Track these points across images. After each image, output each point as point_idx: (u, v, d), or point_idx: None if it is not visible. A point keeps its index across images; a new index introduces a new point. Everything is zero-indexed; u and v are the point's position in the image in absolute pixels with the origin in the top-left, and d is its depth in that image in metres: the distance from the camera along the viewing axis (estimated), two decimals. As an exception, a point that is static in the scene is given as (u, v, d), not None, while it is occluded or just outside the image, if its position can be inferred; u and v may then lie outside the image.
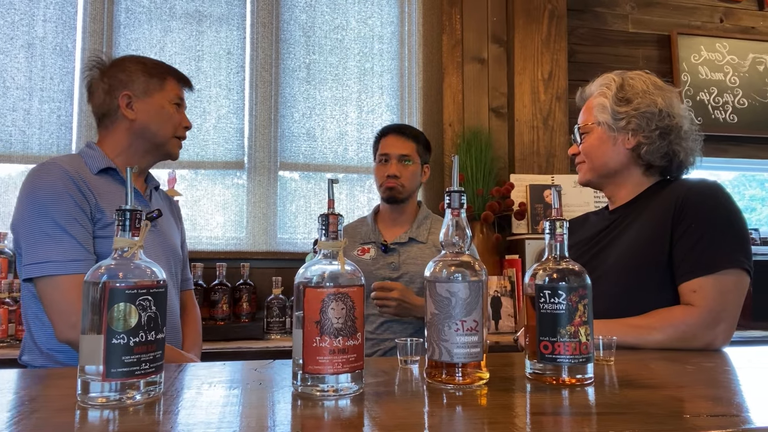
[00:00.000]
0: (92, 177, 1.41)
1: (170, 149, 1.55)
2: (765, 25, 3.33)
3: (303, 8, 2.87)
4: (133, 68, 1.50)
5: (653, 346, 1.17)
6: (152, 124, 1.49)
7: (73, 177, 1.34)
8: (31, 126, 2.54)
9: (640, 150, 1.38)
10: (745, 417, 0.67)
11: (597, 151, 1.43)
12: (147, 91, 1.49)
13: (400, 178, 2.03)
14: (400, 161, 2.05)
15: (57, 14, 2.61)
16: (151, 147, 1.51)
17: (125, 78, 1.48)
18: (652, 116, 1.36)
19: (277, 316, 2.37)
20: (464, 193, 0.85)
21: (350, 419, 0.66)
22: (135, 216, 0.76)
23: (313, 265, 0.78)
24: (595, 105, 1.43)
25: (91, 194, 1.36)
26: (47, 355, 1.36)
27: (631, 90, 1.40)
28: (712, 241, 1.22)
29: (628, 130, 1.38)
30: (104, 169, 1.44)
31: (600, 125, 1.42)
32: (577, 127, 1.48)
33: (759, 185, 3.55)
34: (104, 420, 0.65)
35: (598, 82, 1.47)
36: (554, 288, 0.83)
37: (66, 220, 1.30)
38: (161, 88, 1.51)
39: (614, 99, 1.40)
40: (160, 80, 1.51)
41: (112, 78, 1.49)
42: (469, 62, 2.98)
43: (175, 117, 1.53)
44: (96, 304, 0.71)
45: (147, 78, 1.50)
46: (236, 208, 2.73)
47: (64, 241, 1.29)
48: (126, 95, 1.47)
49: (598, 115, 1.42)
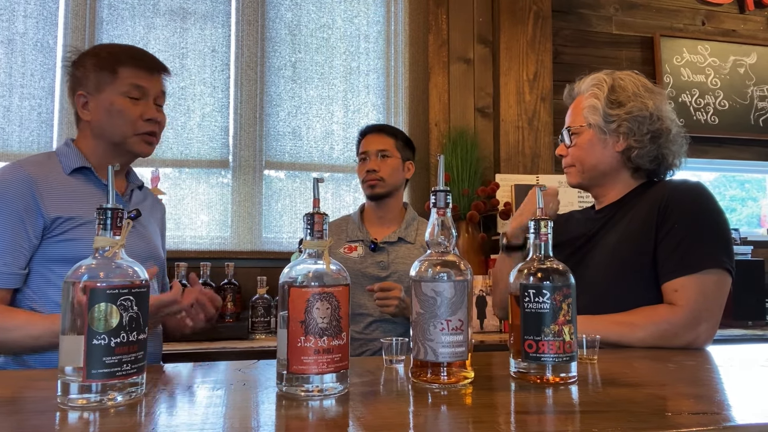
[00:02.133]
0: (63, 178, 1.35)
1: (132, 148, 1.39)
2: (746, 28, 3.38)
3: (289, 6, 2.86)
4: (87, 63, 1.38)
5: (635, 343, 1.18)
6: (105, 123, 1.36)
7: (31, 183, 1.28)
8: (11, 123, 2.49)
9: (630, 153, 1.38)
10: (726, 415, 0.67)
11: (587, 154, 1.42)
12: (98, 87, 1.36)
13: (378, 171, 2.05)
14: (378, 156, 2.08)
15: (38, 10, 2.57)
16: (113, 147, 1.40)
17: (80, 75, 1.38)
18: (644, 120, 1.36)
19: (262, 315, 2.36)
20: (450, 192, 0.85)
21: (335, 419, 0.66)
22: (116, 215, 0.75)
23: (298, 264, 0.78)
24: (585, 106, 1.42)
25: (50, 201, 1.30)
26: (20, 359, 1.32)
27: (622, 92, 1.38)
28: (694, 241, 1.23)
29: (619, 133, 1.37)
30: (78, 169, 1.37)
31: (591, 127, 1.40)
32: (567, 128, 1.46)
33: (739, 186, 3.61)
34: (84, 422, 0.64)
35: (588, 81, 1.45)
36: (539, 287, 0.83)
37: (3, 228, 1.25)
38: (112, 81, 1.35)
39: (606, 101, 1.38)
40: (110, 72, 1.36)
41: (72, 76, 1.41)
42: (455, 62, 2.99)
43: (130, 111, 1.36)
44: (76, 305, 0.69)
45: (97, 72, 1.36)
46: (221, 207, 2.71)
47: None
48: (80, 95, 1.38)
49: (589, 117, 1.40)
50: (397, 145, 2.11)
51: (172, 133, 2.65)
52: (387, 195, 2.09)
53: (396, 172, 2.09)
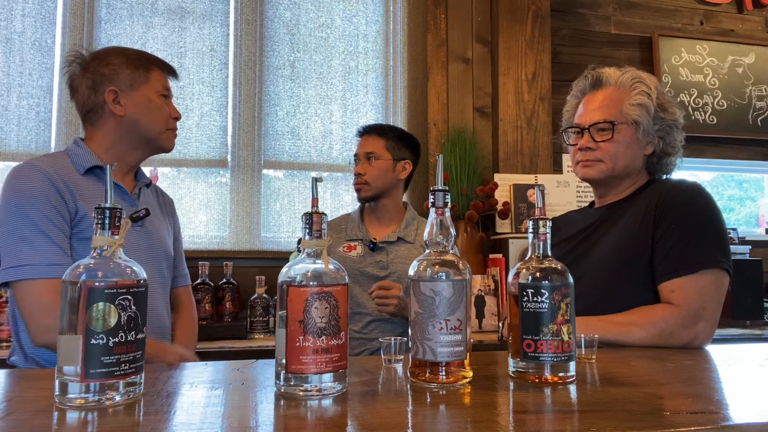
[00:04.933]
0: (77, 178, 1.37)
1: (163, 143, 1.50)
2: (744, 28, 3.38)
3: (287, 5, 2.85)
4: (116, 61, 1.44)
5: (634, 343, 1.18)
6: (142, 118, 1.44)
7: (51, 178, 1.31)
8: (9, 123, 2.49)
9: (660, 158, 1.37)
10: (724, 414, 0.67)
11: (625, 152, 1.34)
12: (133, 84, 1.44)
13: (364, 175, 2.05)
14: (365, 159, 2.07)
15: (36, 9, 2.56)
16: (141, 142, 1.46)
17: (109, 72, 1.43)
18: (680, 127, 1.36)
19: (261, 315, 2.36)
20: (448, 192, 0.85)
21: (333, 419, 0.66)
22: (114, 214, 0.75)
23: (297, 264, 0.78)
24: (633, 102, 1.34)
25: (71, 196, 1.32)
26: (31, 359, 1.33)
27: (665, 97, 1.36)
28: (691, 241, 1.23)
29: (655, 137, 1.36)
30: (91, 168, 1.40)
31: (636, 126, 1.34)
32: (610, 122, 1.33)
33: (737, 185, 3.61)
34: (83, 422, 0.64)
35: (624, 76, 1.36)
36: (537, 287, 0.83)
37: (44, 223, 1.27)
38: (147, 80, 1.45)
39: (657, 103, 1.34)
40: (145, 71, 1.46)
41: (95, 73, 1.43)
42: (454, 62, 2.99)
43: (164, 109, 1.48)
44: (74, 304, 0.69)
45: (132, 70, 1.44)
46: (219, 207, 2.70)
47: (41, 244, 1.26)
48: (112, 90, 1.42)
49: (635, 114, 1.33)
50: (388, 146, 2.09)
51: (171, 132, 2.65)
52: (374, 198, 2.08)
53: (384, 174, 2.07)
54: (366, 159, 2.07)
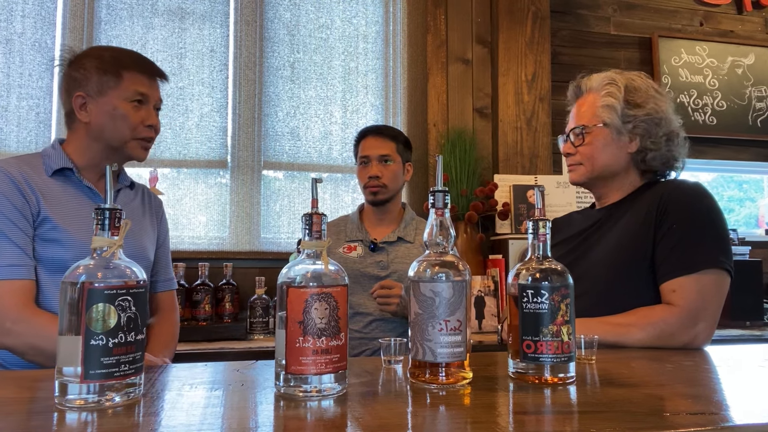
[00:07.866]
0: (44, 179, 1.34)
1: (129, 152, 1.41)
2: (743, 29, 3.38)
3: (287, 6, 2.86)
4: (88, 65, 1.37)
5: (634, 344, 1.18)
6: (105, 126, 1.37)
7: (15, 180, 1.29)
8: (8, 123, 2.49)
9: (644, 155, 1.37)
10: (724, 415, 0.67)
11: (600, 153, 1.38)
12: (101, 90, 1.36)
13: (381, 178, 2.04)
14: (380, 162, 2.06)
15: (36, 9, 2.56)
16: (108, 150, 1.40)
17: (80, 77, 1.38)
18: (660, 122, 1.36)
19: (261, 316, 2.36)
20: (448, 193, 0.85)
21: (333, 420, 0.66)
22: (114, 215, 0.75)
23: (297, 264, 0.78)
24: (601, 105, 1.38)
25: (35, 198, 1.30)
26: None
27: (638, 93, 1.37)
28: (692, 241, 1.23)
29: (634, 134, 1.36)
30: (60, 170, 1.37)
31: (607, 126, 1.37)
32: (581, 126, 1.41)
33: (737, 186, 3.61)
34: (82, 422, 0.64)
35: (599, 79, 1.41)
36: (537, 288, 0.83)
37: (4, 225, 1.26)
38: (116, 86, 1.37)
39: (624, 101, 1.36)
40: (114, 76, 1.37)
41: (68, 77, 1.40)
42: (454, 63, 2.99)
43: (132, 117, 1.37)
44: (74, 305, 0.69)
45: (100, 75, 1.36)
46: (219, 208, 2.70)
47: (2, 246, 1.25)
48: (79, 96, 1.37)
49: (604, 115, 1.37)
50: (398, 149, 2.10)
51: (171, 133, 2.65)
52: (389, 200, 2.09)
53: (398, 177, 2.09)
54: (381, 162, 2.06)
